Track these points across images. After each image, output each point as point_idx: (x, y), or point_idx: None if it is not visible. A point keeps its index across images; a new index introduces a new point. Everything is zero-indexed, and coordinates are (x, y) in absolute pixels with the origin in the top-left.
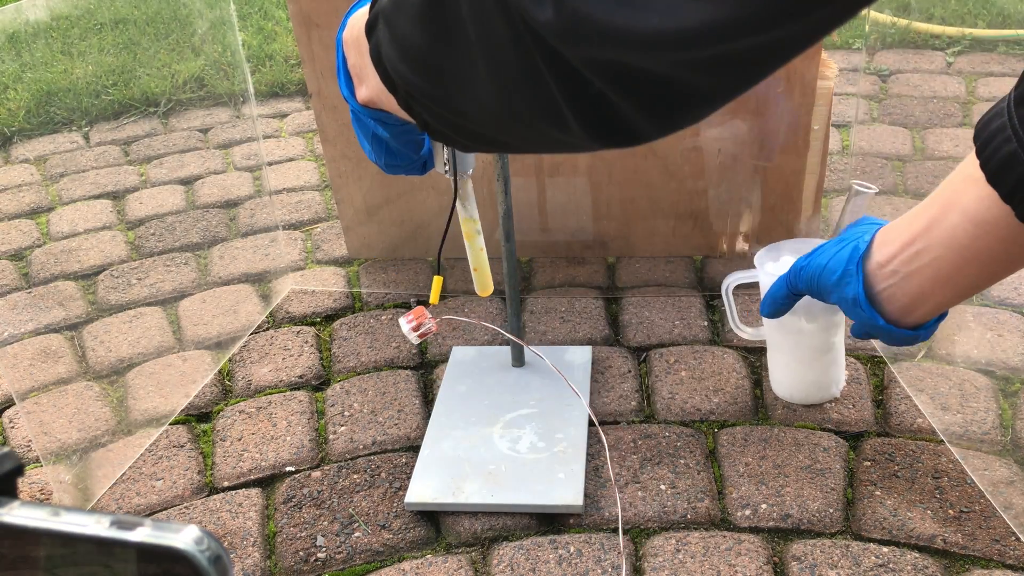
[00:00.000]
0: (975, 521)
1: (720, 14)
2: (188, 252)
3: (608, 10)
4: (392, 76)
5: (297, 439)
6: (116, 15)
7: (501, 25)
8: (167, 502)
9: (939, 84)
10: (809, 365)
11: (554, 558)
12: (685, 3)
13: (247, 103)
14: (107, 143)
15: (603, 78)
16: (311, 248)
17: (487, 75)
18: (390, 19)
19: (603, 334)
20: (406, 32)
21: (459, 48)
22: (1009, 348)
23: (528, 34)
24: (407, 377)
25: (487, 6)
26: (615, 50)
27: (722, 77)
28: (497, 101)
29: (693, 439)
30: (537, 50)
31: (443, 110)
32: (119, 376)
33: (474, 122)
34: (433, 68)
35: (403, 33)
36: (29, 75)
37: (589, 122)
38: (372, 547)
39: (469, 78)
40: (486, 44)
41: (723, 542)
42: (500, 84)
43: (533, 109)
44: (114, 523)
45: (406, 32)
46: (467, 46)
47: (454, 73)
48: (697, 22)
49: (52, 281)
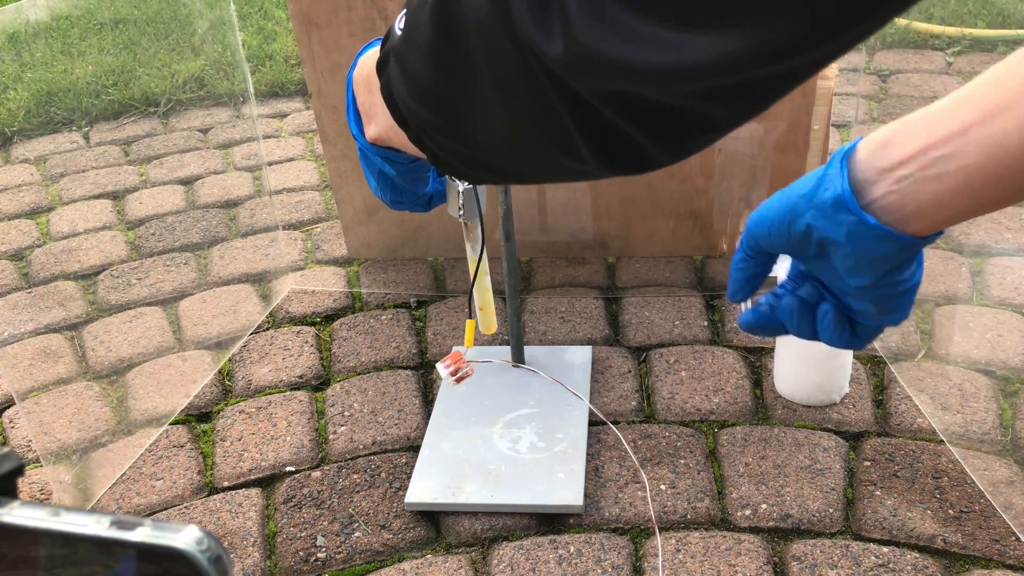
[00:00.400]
0: (975, 521)
1: (727, 48)
2: (188, 252)
3: (617, 45)
4: (403, 112)
5: (297, 439)
6: (116, 15)
7: (511, 58)
8: (167, 502)
9: (939, 84)
10: (816, 368)
11: (554, 558)
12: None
13: (247, 103)
14: (107, 143)
15: (613, 109)
16: (311, 248)
17: (498, 107)
18: (401, 56)
19: (603, 334)
20: (417, 67)
21: (469, 81)
22: (1009, 348)
23: (538, 67)
24: (407, 377)
25: (497, 40)
26: (624, 83)
27: (733, 106)
28: (509, 132)
29: (693, 439)
30: (548, 82)
31: (454, 143)
32: (119, 376)
33: (485, 153)
34: (444, 102)
35: (414, 68)
36: (29, 75)
37: (601, 151)
38: (372, 547)
39: (480, 110)
40: (496, 77)
41: (723, 542)
42: (511, 115)
43: (545, 139)
44: (114, 523)
45: (417, 67)
46: (477, 79)
47: (465, 106)
48: (704, 57)
49: (52, 281)
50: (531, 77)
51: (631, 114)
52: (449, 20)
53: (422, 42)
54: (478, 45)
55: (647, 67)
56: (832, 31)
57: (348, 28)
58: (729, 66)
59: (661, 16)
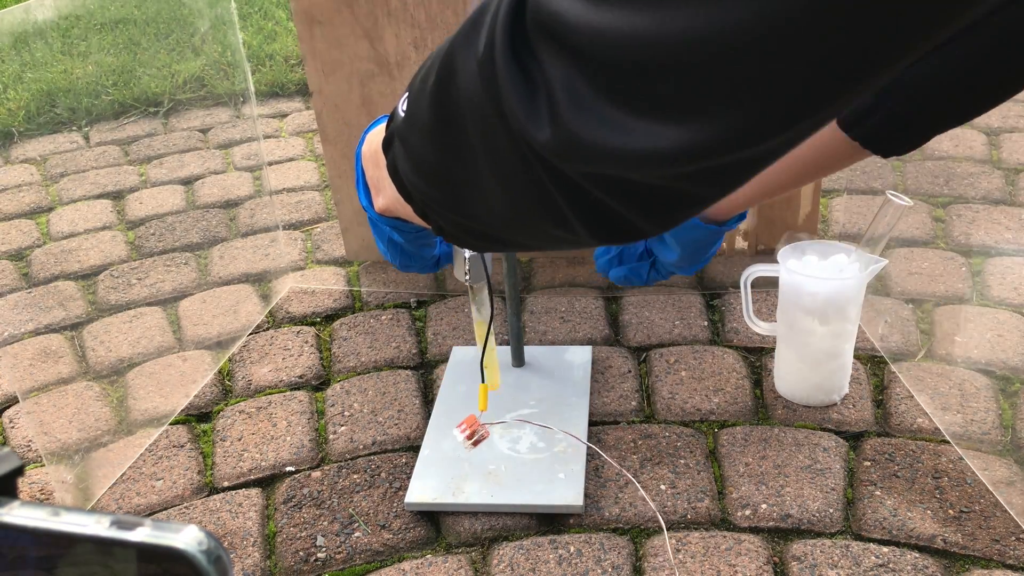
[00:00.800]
0: (975, 521)
1: (696, 137)
2: (188, 252)
3: (599, 132)
4: (408, 188)
5: (297, 439)
6: (117, 15)
7: (505, 142)
8: (167, 502)
9: None
10: (815, 368)
11: (554, 558)
12: (662, 128)
13: (247, 103)
14: (107, 143)
15: (601, 189)
16: (311, 248)
17: (495, 185)
18: (404, 136)
19: (603, 334)
20: (419, 148)
21: (468, 162)
22: (1009, 348)
23: (529, 151)
24: (407, 377)
25: (491, 125)
26: (608, 166)
27: (709, 186)
28: (506, 208)
29: (693, 439)
30: (538, 164)
31: (456, 216)
32: (119, 376)
33: (486, 226)
34: (445, 180)
35: (416, 149)
36: (29, 75)
37: (592, 225)
38: (372, 547)
39: (479, 188)
40: (493, 158)
41: (723, 542)
42: (508, 193)
43: (539, 215)
44: (114, 523)
45: (419, 148)
46: (475, 160)
47: (465, 184)
48: (674, 144)
49: (52, 281)
50: (524, 160)
51: (617, 194)
52: (447, 106)
53: (423, 125)
54: (474, 129)
55: (626, 153)
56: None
57: (351, 24)
58: (698, 153)
59: (635, 108)
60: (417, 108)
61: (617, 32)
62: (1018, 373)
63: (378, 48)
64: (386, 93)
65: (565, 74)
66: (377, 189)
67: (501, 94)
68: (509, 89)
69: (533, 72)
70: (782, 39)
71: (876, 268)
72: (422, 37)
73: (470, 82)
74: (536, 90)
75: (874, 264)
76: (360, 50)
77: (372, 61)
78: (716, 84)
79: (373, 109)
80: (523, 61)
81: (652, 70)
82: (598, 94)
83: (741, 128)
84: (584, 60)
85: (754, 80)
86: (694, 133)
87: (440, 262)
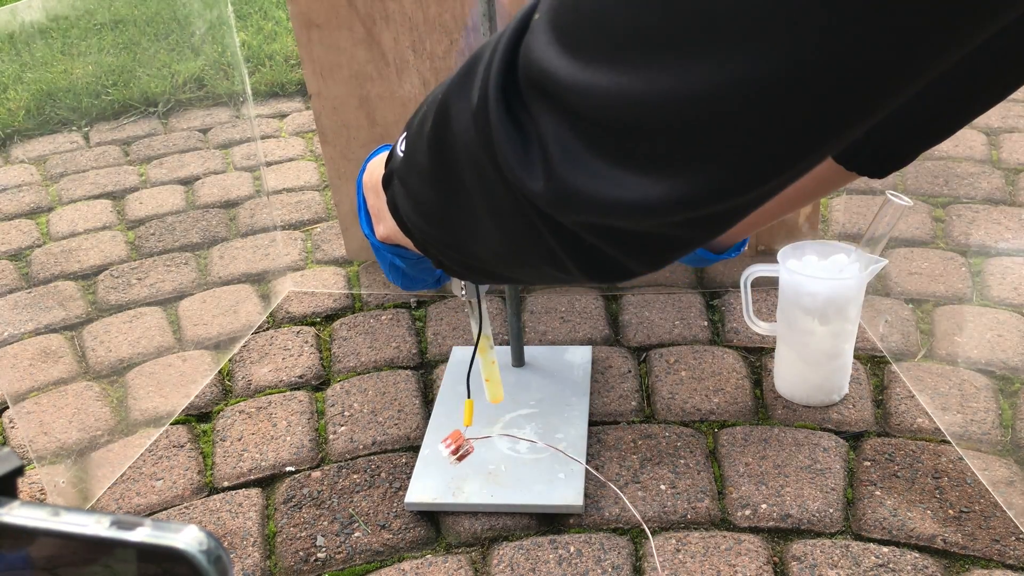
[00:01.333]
0: (975, 521)
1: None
2: (188, 252)
3: (591, 184)
4: (408, 225)
5: (297, 439)
6: (116, 15)
7: (501, 190)
8: (167, 502)
9: None
10: (815, 368)
11: (554, 558)
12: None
13: (246, 103)
14: (107, 143)
15: (593, 236)
16: (311, 248)
17: (493, 228)
18: (403, 178)
19: (603, 334)
20: (418, 190)
21: (465, 205)
22: (1009, 348)
23: (524, 200)
24: (407, 377)
25: (486, 172)
26: (599, 216)
27: (704, 230)
28: (503, 249)
29: (693, 439)
30: (532, 212)
31: (456, 254)
32: (119, 376)
33: (484, 263)
34: (444, 221)
35: (415, 190)
36: (29, 75)
37: (586, 267)
38: (372, 547)
39: (477, 230)
40: (489, 204)
41: (723, 542)
42: (503, 235)
43: (535, 256)
44: (114, 523)
45: (418, 190)
46: (472, 204)
47: (463, 226)
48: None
49: (52, 281)
50: (519, 207)
51: (609, 240)
52: (444, 151)
53: (421, 168)
54: (470, 176)
55: (617, 204)
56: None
57: (348, 28)
58: (686, 204)
59: (624, 162)
60: (415, 151)
61: (605, 92)
62: (1018, 373)
63: (376, 51)
64: (384, 96)
65: (556, 128)
66: (378, 218)
67: (495, 145)
68: (503, 141)
69: (526, 125)
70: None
71: (876, 268)
72: (420, 40)
73: (465, 131)
74: (529, 142)
75: (874, 264)
76: (358, 53)
77: (370, 64)
78: (702, 141)
79: (372, 111)
80: (516, 114)
81: (640, 128)
82: (588, 148)
83: (727, 181)
84: (574, 117)
85: (739, 137)
86: (682, 186)
87: (441, 279)
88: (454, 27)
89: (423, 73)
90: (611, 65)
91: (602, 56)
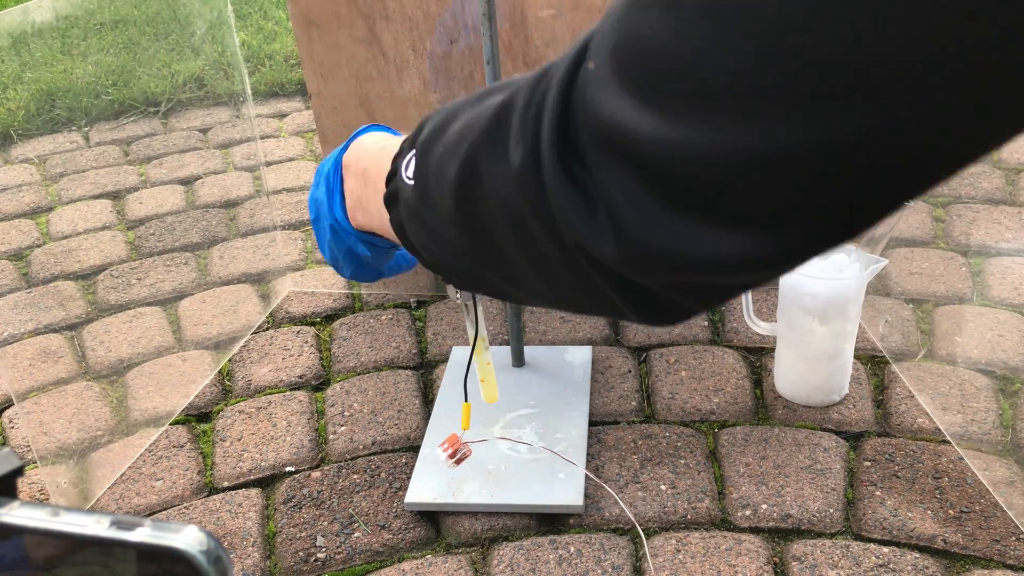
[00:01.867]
0: (975, 521)
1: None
2: (188, 252)
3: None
4: (420, 250)
5: (297, 439)
6: (116, 15)
7: (545, 242)
8: (167, 502)
9: None
10: (816, 368)
11: (554, 558)
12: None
13: (246, 103)
14: (107, 143)
15: (671, 292)
16: (311, 248)
17: (531, 271)
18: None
19: (603, 334)
20: (438, 227)
21: (500, 256)
22: (1009, 348)
23: (582, 256)
24: (407, 377)
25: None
26: (688, 275)
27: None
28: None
29: (693, 439)
30: (595, 271)
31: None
32: (119, 376)
33: (512, 296)
34: (470, 258)
35: (435, 227)
36: (29, 75)
37: (644, 312)
38: (372, 547)
39: (511, 270)
40: (529, 253)
41: (723, 542)
42: (547, 281)
43: (587, 303)
44: (114, 523)
45: (438, 227)
46: (508, 256)
47: (495, 266)
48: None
49: (52, 281)
50: (571, 261)
51: (680, 291)
52: (473, 203)
53: (443, 211)
54: (510, 233)
55: (701, 261)
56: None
57: (349, 28)
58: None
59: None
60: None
61: (696, 147)
62: (1018, 373)
63: (376, 50)
64: (384, 95)
65: (628, 188)
66: (362, 207)
67: (555, 211)
68: (566, 207)
69: (587, 185)
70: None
71: (876, 268)
72: (420, 39)
73: (502, 190)
74: (594, 204)
75: (874, 264)
76: (358, 52)
77: (371, 63)
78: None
79: (372, 110)
80: (574, 174)
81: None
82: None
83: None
84: (655, 175)
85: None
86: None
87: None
88: (453, 27)
89: (423, 73)
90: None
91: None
